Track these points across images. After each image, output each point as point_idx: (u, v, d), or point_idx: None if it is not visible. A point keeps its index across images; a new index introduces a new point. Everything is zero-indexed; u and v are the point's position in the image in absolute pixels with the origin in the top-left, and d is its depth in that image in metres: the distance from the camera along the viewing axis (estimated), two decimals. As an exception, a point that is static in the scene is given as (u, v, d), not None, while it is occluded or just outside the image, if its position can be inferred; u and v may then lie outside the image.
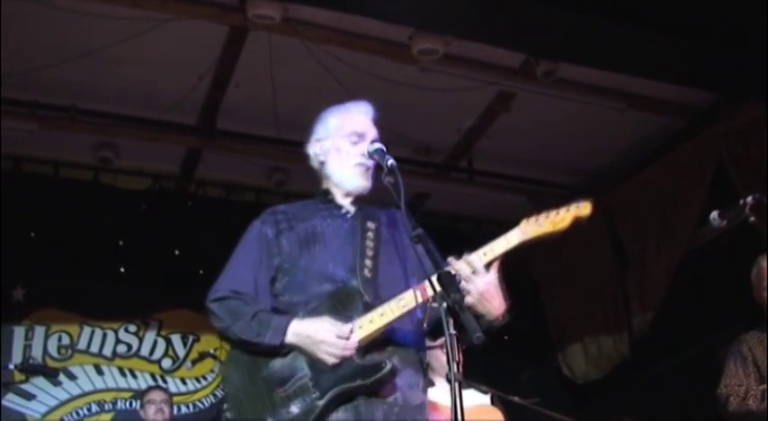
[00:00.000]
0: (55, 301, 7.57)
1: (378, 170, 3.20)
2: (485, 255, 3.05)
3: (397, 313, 2.97)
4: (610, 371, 8.63)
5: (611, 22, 5.69)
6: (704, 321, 7.47)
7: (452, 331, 2.60)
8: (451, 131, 7.83)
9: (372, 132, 3.32)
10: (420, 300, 2.97)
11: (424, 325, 3.07)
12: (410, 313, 3.02)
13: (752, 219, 3.19)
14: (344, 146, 3.29)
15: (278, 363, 3.01)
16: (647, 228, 8.07)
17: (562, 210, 3.13)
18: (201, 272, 7.82)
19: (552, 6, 5.55)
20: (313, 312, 3.05)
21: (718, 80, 6.42)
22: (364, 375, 2.92)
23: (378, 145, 3.20)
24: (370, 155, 3.20)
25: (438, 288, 2.73)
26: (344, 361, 2.95)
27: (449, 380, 2.58)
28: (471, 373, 5.05)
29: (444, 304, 2.63)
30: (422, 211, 8.51)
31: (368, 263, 3.13)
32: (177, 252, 7.97)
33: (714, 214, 3.37)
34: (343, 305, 3.03)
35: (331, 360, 2.94)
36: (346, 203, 3.32)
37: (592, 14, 5.60)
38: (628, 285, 8.38)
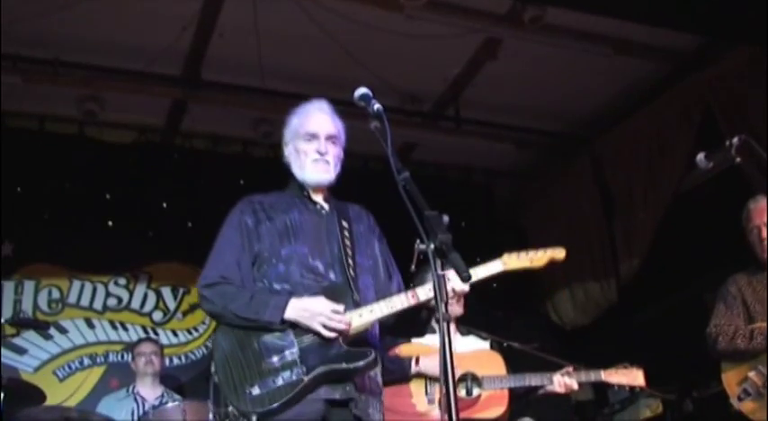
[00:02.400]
0: (44, 256, 7.57)
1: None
2: None
3: (386, 312, 3.34)
4: (597, 317, 8.70)
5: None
6: (691, 266, 7.51)
7: (440, 272, 2.76)
8: (438, 80, 7.78)
9: (326, 129, 3.61)
10: (409, 304, 3.35)
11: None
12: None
13: (738, 159, 3.20)
14: (301, 146, 3.59)
15: (269, 337, 3.26)
16: (634, 175, 8.10)
17: (540, 252, 3.63)
18: (190, 224, 7.83)
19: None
20: None
21: (705, 23, 6.38)
22: (350, 360, 3.23)
23: (364, 90, 3.28)
24: (357, 100, 3.28)
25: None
26: (333, 344, 3.24)
27: (437, 321, 2.70)
28: (464, 321, 5.12)
29: (432, 245, 2.76)
30: (409, 160, 8.50)
31: (350, 262, 3.45)
32: (165, 205, 7.95)
33: (700, 156, 3.38)
34: (336, 299, 3.30)
35: (326, 332, 3.22)
36: (320, 199, 3.62)
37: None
38: (615, 231, 8.42)
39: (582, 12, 6.46)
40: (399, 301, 3.33)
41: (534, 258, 3.61)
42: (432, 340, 4.81)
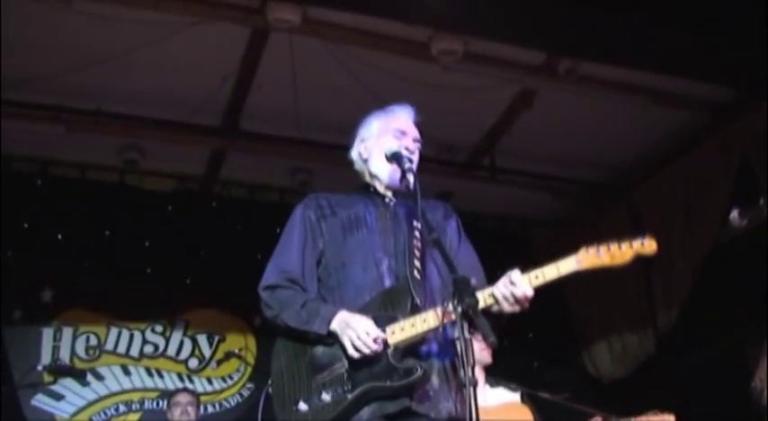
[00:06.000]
0: (82, 302, 7.64)
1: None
2: (536, 277, 3.04)
3: (420, 330, 3.01)
4: (635, 369, 8.60)
5: (632, 19, 5.69)
6: (730, 317, 7.44)
7: (467, 335, 2.67)
8: (474, 129, 7.85)
9: (414, 131, 3.45)
10: (436, 323, 3.00)
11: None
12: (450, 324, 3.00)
13: (771, 218, 3.15)
14: (388, 142, 3.39)
15: (321, 350, 3.10)
16: (671, 224, 8.02)
17: (624, 245, 3.05)
18: (226, 272, 7.89)
19: (572, 3, 5.55)
20: (363, 307, 3.12)
21: (741, 77, 6.40)
22: (394, 377, 2.97)
23: (395, 148, 3.30)
24: (388, 158, 3.30)
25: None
26: (381, 360, 3.00)
27: (463, 385, 2.63)
28: (498, 372, 5.10)
29: (459, 309, 2.70)
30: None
31: (417, 263, 3.17)
32: (202, 252, 8.04)
33: (734, 213, 3.35)
34: (392, 304, 3.09)
35: (350, 348, 3.00)
36: (388, 194, 3.40)
37: (612, 11, 5.59)
38: (652, 281, 8.33)
39: (616, 66, 6.50)
40: (433, 319, 3.00)
41: (616, 254, 3.03)
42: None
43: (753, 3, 5.51)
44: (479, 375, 5.00)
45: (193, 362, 7.98)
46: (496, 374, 5.14)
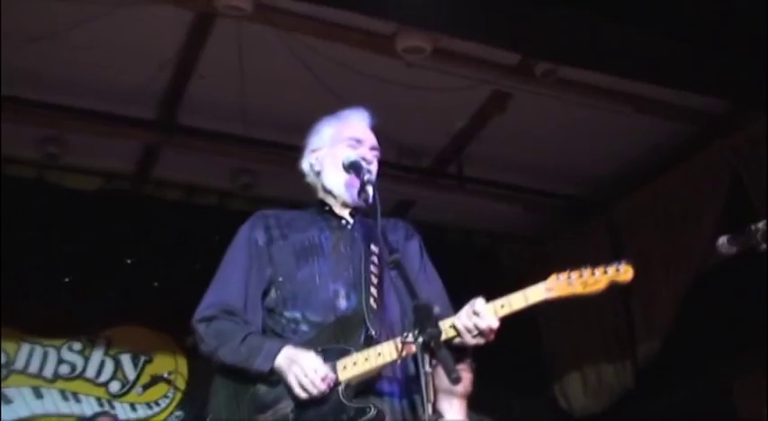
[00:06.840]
0: (-11, 314, 7.54)
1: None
2: (502, 307, 3.06)
3: (395, 356, 3.00)
4: (611, 404, 8.66)
5: (615, 24, 5.77)
6: (716, 349, 7.52)
7: (428, 369, 2.67)
8: (440, 133, 7.89)
9: (371, 139, 3.48)
10: (396, 356, 3.00)
11: None
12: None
13: (763, 246, 3.22)
14: (342, 152, 3.40)
15: (263, 388, 3.10)
16: (654, 246, 8.09)
17: (598, 271, 3.09)
18: (156, 284, 7.85)
19: (552, 5, 5.61)
20: (312, 338, 3.14)
21: (730, 88, 6.50)
22: (345, 417, 2.98)
23: (354, 157, 3.32)
24: (345, 168, 3.31)
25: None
26: (331, 398, 3.00)
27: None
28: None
29: (420, 339, 2.69)
30: (406, 221, 8.51)
31: (374, 291, 3.21)
32: (129, 261, 7.99)
33: (723, 240, 3.40)
34: (344, 335, 3.11)
35: (295, 386, 3.00)
36: (345, 214, 3.43)
37: (593, 14, 5.67)
38: (632, 309, 8.38)
39: (597, 71, 6.57)
40: (389, 352, 3.01)
41: (590, 282, 3.08)
42: None
43: (739, 12, 5.61)
44: (460, 408, 5.01)
45: (115, 386, 7.91)
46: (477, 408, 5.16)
